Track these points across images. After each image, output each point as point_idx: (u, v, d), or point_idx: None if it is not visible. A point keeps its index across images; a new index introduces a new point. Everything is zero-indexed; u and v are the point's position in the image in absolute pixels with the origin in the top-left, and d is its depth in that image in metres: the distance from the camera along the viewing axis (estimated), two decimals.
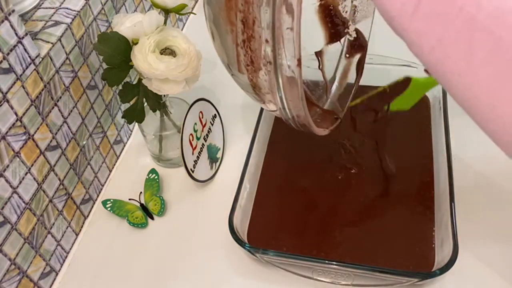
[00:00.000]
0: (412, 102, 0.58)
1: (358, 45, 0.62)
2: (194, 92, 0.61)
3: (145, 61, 0.53)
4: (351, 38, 0.62)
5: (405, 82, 0.56)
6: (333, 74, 0.65)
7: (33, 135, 0.52)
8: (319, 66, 0.64)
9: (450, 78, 0.33)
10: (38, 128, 0.52)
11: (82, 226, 0.64)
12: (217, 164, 0.68)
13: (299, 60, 0.40)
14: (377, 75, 0.71)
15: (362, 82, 0.73)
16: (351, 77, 0.64)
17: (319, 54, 0.63)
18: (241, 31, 0.41)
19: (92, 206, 0.66)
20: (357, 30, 0.61)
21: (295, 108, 0.45)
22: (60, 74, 0.55)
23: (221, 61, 0.50)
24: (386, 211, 0.58)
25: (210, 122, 0.67)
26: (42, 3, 0.57)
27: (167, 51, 0.56)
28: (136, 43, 0.54)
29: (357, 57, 0.63)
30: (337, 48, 0.64)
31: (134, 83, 0.59)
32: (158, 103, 0.62)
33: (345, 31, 0.61)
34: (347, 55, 0.63)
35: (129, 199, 0.65)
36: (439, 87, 0.66)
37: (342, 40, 0.62)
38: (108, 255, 0.60)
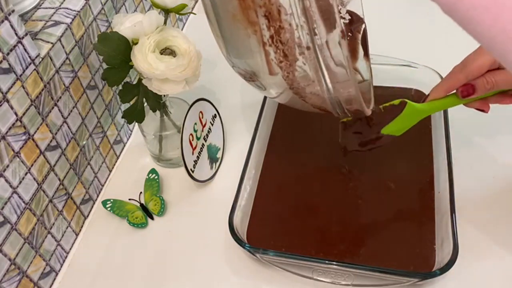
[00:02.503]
0: (404, 128, 0.56)
1: (356, 26, 0.60)
2: (194, 92, 0.61)
3: (145, 61, 0.53)
4: (346, 21, 0.60)
5: (401, 105, 0.54)
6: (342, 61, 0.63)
7: (33, 135, 0.52)
8: None
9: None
10: (38, 128, 0.52)
11: (82, 226, 0.64)
12: (217, 164, 0.68)
13: (343, 32, 0.37)
14: (377, 75, 0.71)
15: None
16: (360, 57, 0.62)
17: None
18: (267, 27, 0.39)
19: (92, 206, 0.66)
20: (349, 12, 0.59)
21: (345, 87, 0.41)
22: (60, 74, 0.55)
23: (243, 76, 0.47)
24: (386, 211, 0.58)
25: (210, 122, 0.67)
26: (42, 3, 0.57)
27: (167, 51, 0.56)
28: (136, 43, 0.54)
29: (359, 36, 0.61)
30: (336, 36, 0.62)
31: (134, 83, 0.59)
32: (158, 103, 0.62)
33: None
34: (348, 38, 0.61)
35: (129, 199, 0.65)
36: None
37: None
38: (108, 255, 0.60)
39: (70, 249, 0.61)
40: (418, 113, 0.54)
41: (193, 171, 0.62)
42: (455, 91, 0.52)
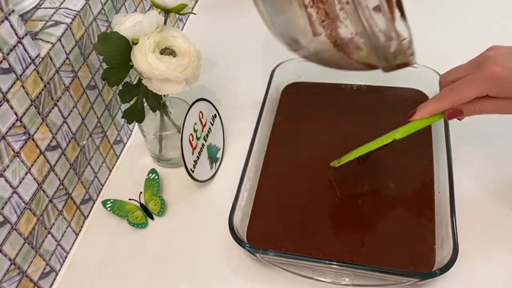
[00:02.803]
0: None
1: None
2: (194, 92, 0.61)
3: (145, 61, 0.53)
4: None
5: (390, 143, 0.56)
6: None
7: (33, 135, 0.52)
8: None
9: None
10: (38, 128, 0.52)
11: (82, 226, 0.64)
12: (217, 164, 0.68)
13: None
14: (378, 75, 0.71)
15: (364, 82, 0.73)
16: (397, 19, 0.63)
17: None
18: None
19: (92, 206, 0.66)
20: None
21: (387, 32, 0.43)
22: (60, 74, 0.55)
23: (285, 41, 0.48)
24: (387, 211, 0.58)
25: (210, 122, 0.67)
26: (42, 3, 0.57)
27: (167, 51, 0.56)
28: (136, 43, 0.54)
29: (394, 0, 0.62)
30: None
31: (134, 83, 0.59)
32: (158, 103, 0.62)
33: None
34: None
35: (129, 199, 0.65)
36: None
37: None
38: (108, 255, 0.60)
39: (70, 249, 0.61)
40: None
41: (193, 171, 0.62)
42: None
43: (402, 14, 0.60)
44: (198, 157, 0.63)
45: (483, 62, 0.49)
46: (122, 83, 0.57)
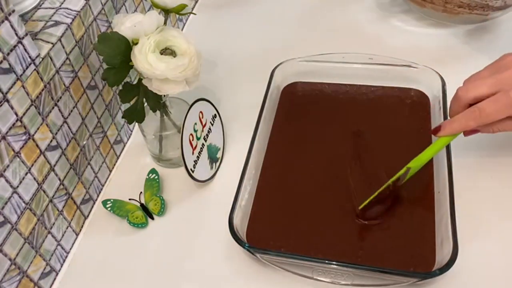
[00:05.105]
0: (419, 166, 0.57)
1: None
2: (194, 92, 0.61)
3: (145, 61, 0.53)
4: None
5: (405, 172, 0.56)
6: None
7: (33, 135, 0.52)
8: None
9: None
10: (38, 128, 0.52)
11: (82, 226, 0.64)
12: (217, 164, 0.68)
13: None
14: (378, 75, 0.72)
15: (364, 82, 0.73)
16: None
17: None
18: None
19: (92, 206, 0.66)
20: None
21: None
22: (60, 74, 0.55)
23: None
24: (386, 211, 0.58)
25: (210, 122, 0.67)
26: (42, 3, 0.57)
27: (167, 51, 0.56)
28: (136, 43, 0.54)
29: None
30: None
31: (134, 83, 0.59)
32: (158, 103, 0.62)
33: None
34: None
35: (129, 199, 0.65)
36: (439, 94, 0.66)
37: None
38: (108, 255, 0.60)
39: (70, 249, 0.61)
40: (425, 160, 0.56)
41: (193, 171, 0.62)
42: None
43: None
44: (198, 157, 0.63)
45: (509, 83, 0.50)
46: (122, 83, 0.57)
